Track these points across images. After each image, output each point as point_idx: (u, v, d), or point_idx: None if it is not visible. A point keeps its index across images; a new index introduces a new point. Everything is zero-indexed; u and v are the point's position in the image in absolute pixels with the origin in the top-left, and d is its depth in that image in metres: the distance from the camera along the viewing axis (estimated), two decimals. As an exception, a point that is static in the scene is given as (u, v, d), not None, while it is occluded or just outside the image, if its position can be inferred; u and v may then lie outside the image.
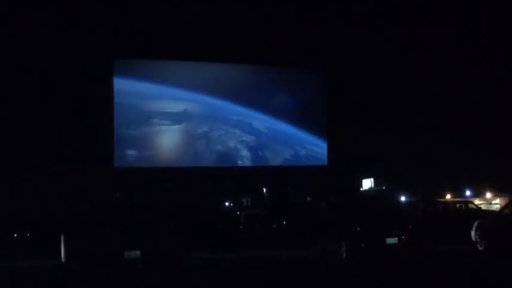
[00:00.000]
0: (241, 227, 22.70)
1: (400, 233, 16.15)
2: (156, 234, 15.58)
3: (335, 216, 18.13)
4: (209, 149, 29.67)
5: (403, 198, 27.50)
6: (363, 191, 30.36)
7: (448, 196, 28.12)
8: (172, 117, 29.12)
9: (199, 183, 27.39)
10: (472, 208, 23.21)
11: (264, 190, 29.18)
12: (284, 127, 31.18)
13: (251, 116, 30.68)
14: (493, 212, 23.86)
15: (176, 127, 29.14)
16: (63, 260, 16.77)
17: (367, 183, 31.02)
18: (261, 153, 30.57)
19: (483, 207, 26.08)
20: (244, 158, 30.34)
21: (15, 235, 18.47)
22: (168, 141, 28.91)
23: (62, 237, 16.90)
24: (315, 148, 31.64)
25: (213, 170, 29.31)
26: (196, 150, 29.44)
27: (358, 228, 16.05)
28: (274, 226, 22.68)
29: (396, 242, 15.94)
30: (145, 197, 24.19)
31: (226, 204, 28.04)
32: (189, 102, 29.51)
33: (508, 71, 29.20)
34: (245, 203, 27.76)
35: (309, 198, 28.02)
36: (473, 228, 18.71)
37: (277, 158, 31.06)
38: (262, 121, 30.78)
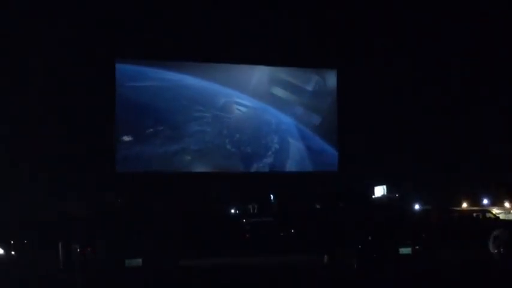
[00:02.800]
0: (247, 235, 22.39)
1: (413, 242, 15.99)
2: (158, 241, 15.81)
3: (346, 224, 17.86)
4: (214, 154, 29.26)
5: (417, 206, 27.06)
6: (375, 198, 29.72)
7: (464, 204, 27.63)
8: (176, 120, 28.80)
9: (204, 189, 27.02)
10: (490, 217, 22.78)
11: (272, 196, 28.68)
12: (293, 131, 30.76)
13: (258, 121, 30.32)
14: (512, 221, 23.38)
15: (180, 131, 28.83)
16: (61, 266, 16.59)
17: (379, 191, 30.33)
18: (267, 158, 30.15)
19: (501, 216, 25.50)
20: (249, 164, 29.90)
21: (12, 242, 18.29)
22: (171, 146, 28.61)
23: (60, 244, 16.69)
24: (326, 153, 31.14)
25: (218, 176, 28.91)
26: (201, 155, 29.04)
27: (369, 237, 15.79)
28: (281, 234, 22.43)
29: (410, 251, 15.90)
30: (147, 202, 24.16)
31: (232, 211, 27.63)
32: (192, 105, 29.16)
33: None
34: (251, 210, 27.32)
35: (318, 206, 27.51)
36: (491, 238, 18.27)
37: (286, 163, 30.54)
38: (267, 125, 30.41)
